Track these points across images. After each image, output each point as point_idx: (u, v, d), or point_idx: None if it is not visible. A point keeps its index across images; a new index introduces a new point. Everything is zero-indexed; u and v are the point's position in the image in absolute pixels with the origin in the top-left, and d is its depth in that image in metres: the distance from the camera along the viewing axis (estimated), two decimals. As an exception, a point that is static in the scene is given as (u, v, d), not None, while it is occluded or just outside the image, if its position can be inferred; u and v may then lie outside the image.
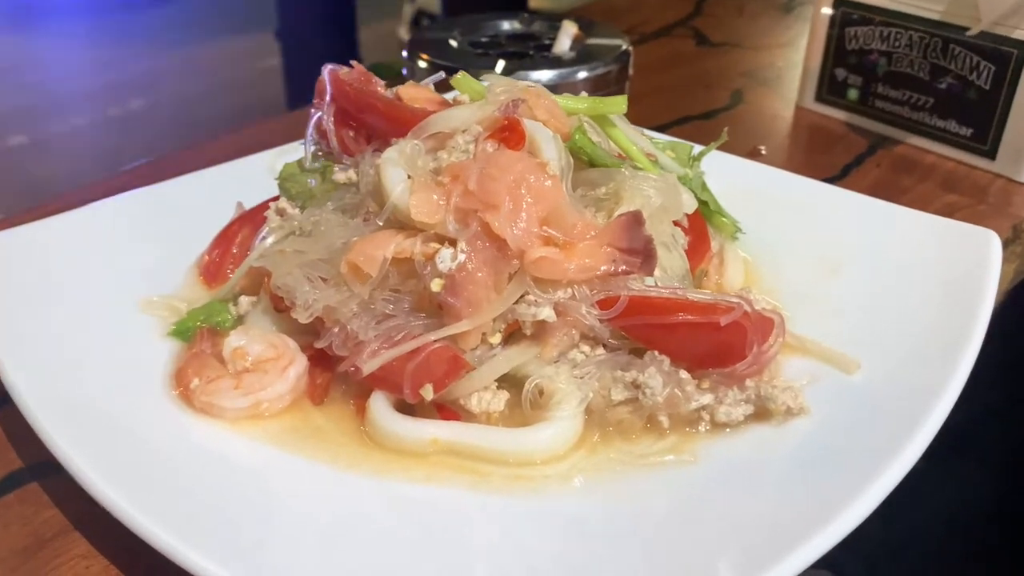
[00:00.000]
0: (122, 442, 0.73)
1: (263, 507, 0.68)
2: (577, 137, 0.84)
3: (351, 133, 0.89)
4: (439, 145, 0.83)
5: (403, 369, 0.74)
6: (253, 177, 1.08)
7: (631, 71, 1.50)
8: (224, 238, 0.97)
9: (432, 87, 0.93)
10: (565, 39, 1.49)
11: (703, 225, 0.94)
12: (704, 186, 1.00)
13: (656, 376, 0.74)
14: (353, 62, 0.95)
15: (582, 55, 1.46)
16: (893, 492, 0.67)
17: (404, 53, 1.50)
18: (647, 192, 0.80)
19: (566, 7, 2.23)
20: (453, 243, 0.75)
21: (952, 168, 1.35)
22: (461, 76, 0.87)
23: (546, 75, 1.39)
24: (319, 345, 0.79)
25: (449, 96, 0.92)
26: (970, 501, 1.36)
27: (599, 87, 1.43)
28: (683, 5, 2.10)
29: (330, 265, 0.79)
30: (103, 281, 0.92)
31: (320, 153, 0.92)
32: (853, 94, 1.48)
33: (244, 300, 0.89)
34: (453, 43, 1.51)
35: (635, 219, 0.75)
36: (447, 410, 0.76)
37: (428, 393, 0.73)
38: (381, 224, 0.80)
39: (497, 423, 0.76)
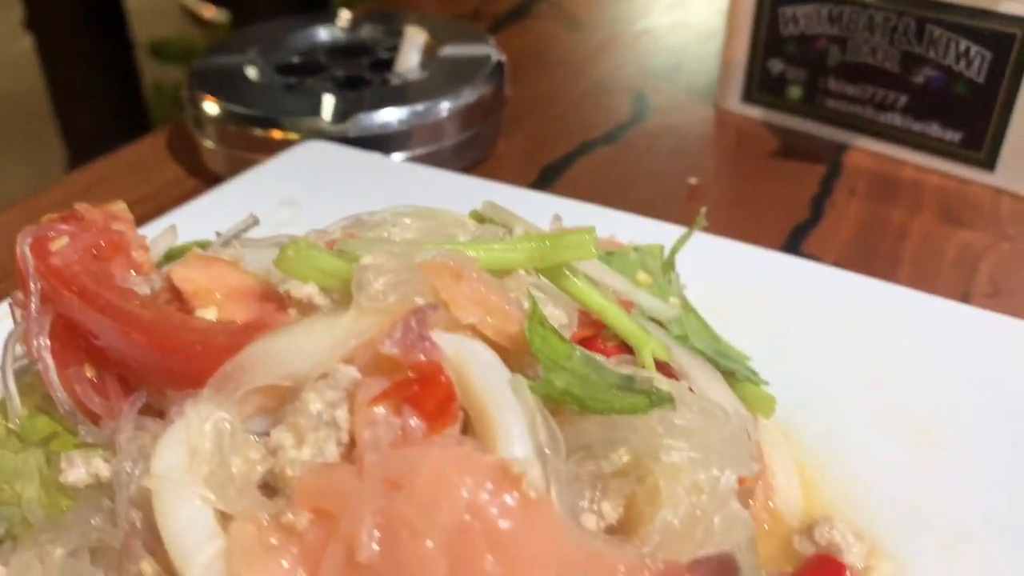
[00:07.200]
0: None
1: None
2: (536, 342, 0.43)
3: (88, 373, 0.45)
4: (273, 403, 0.41)
5: None
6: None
7: (508, 90, 1.09)
8: None
9: (239, 256, 0.48)
10: (412, 53, 1.06)
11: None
12: (705, 326, 0.63)
13: None
14: (81, 205, 0.51)
15: (440, 76, 1.04)
16: None
17: (185, 91, 1.03)
18: (701, 461, 0.41)
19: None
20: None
21: (939, 185, 1.04)
22: (292, 252, 0.43)
23: (396, 114, 0.96)
24: None
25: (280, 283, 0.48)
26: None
27: (473, 119, 1.01)
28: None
29: None
30: None
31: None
32: (795, 92, 1.13)
33: None
34: (251, 72, 1.05)
35: (724, 569, 0.36)
36: None
37: None
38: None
39: None
